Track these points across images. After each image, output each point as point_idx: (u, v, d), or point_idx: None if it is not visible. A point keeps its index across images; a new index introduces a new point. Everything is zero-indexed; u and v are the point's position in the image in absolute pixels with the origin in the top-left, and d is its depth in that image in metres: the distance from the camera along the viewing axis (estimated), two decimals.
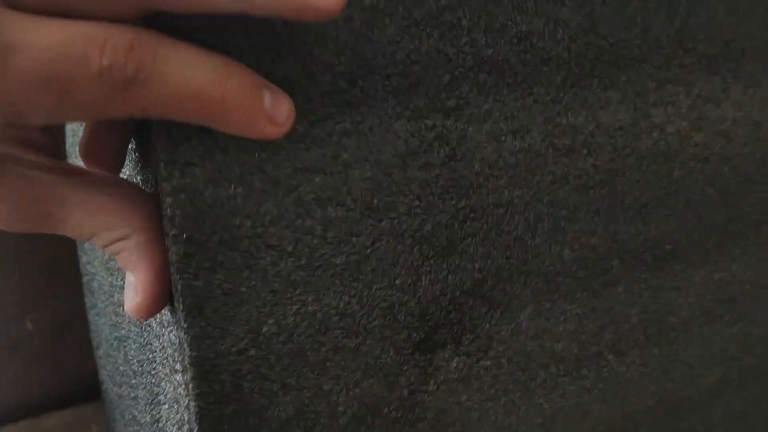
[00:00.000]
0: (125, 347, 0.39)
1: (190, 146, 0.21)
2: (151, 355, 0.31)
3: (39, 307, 0.78)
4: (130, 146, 0.27)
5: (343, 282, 0.25)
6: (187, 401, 0.25)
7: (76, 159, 0.36)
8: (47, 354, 0.81)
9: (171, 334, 0.26)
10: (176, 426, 0.28)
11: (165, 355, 0.28)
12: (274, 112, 0.20)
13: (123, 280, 0.36)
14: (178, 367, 0.26)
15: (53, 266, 0.79)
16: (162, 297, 0.24)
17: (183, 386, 0.25)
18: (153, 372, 0.32)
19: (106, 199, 0.23)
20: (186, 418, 0.25)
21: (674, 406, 0.38)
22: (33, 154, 0.23)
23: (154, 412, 0.33)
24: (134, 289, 0.23)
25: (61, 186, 0.22)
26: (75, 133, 0.38)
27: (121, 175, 0.28)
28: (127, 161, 0.27)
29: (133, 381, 0.38)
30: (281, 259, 0.24)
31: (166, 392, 0.30)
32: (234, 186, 0.22)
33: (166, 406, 0.30)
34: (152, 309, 0.24)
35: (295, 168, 0.23)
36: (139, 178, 0.26)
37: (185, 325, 0.23)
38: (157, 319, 0.29)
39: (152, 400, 0.33)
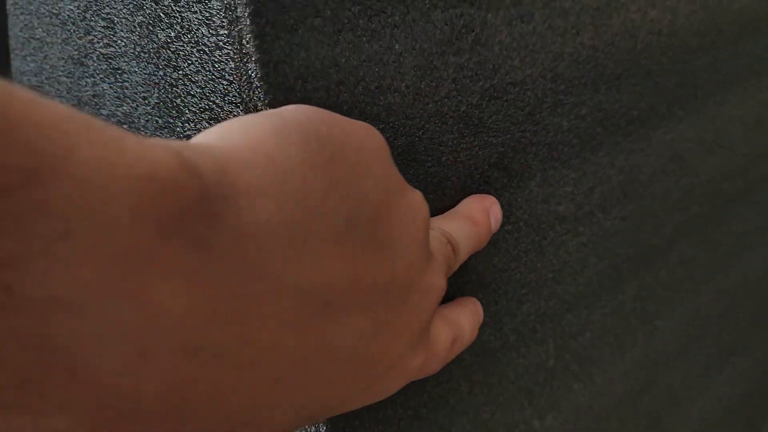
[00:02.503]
0: None
1: (279, 46, 0.23)
2: None
3: None
4: None
5: (401, 162, 0.28)
6: None
7: None
8: None
9: None
10: None
11: None
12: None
13: None
14: None
15: None
16: None
17: None
18: None
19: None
20: None
21: (645, 255, 0.44)
22: None
23: None
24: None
25: None
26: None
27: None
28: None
29: None
30: None
31: None
32: (317, 80, 0.24)
33: None
34: None
35: (360, 60, 0.26)
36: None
37: None
38: None
39: None
